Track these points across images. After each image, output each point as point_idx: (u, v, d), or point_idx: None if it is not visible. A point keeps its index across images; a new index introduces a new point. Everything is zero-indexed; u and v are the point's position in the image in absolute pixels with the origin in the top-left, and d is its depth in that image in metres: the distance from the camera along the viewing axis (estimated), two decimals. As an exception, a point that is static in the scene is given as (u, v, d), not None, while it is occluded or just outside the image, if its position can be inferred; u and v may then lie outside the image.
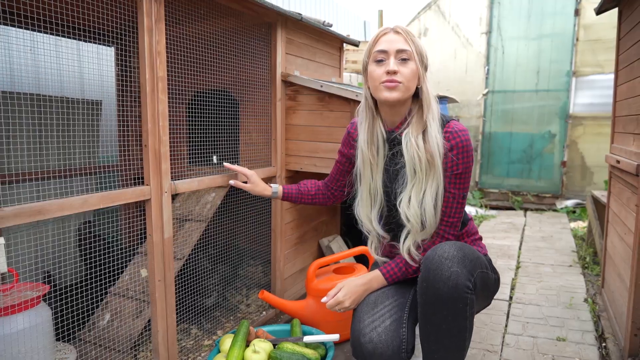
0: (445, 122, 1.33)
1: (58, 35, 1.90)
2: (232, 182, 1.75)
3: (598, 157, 4.76)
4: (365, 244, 1.53)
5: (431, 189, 1.30)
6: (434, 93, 1.35)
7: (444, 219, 1.34)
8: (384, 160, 1.41)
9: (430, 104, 1.32)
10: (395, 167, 1.38)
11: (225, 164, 1.77)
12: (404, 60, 1.28)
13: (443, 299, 1.16)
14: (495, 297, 2.45)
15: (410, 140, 1.30)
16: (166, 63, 1.50)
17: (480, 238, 1.51)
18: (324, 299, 1.37)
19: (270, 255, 2.25)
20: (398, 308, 1.31)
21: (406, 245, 1.35)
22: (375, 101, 1.37)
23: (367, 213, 1.43)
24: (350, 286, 1.37)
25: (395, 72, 1.27)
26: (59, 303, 1.64)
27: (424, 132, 1.30)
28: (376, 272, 1.40)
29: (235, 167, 1.75)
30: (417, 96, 1.34)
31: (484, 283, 1.27)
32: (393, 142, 1.38)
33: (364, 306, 1.34)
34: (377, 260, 1.50)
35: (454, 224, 1.35)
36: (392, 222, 1.43)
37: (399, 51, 1.27)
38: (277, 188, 1.70)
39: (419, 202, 1.30)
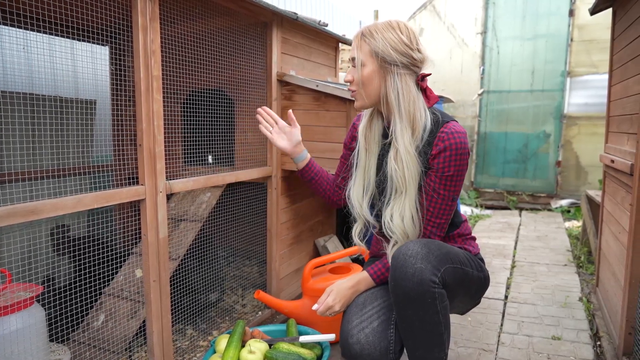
0: (443, 122, 1.31)
1: (52, 34, 1.89)
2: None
3: (592, 156, 4.79)
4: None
5: (410, 202, 1.31)
6: (411, 92, 1.29)
7: (432, 220, 1.34)
8: (378, 148, 1.42)
9: (400, 107, 1.28)
10: (385, 169, 1.38)
11: (289, 112, 1.59)
12: (355, 66, 1.33)
13: (410, 295, 1.17)
14: (490, 297, 2.46)
15: (390, 153, 1.33)
16: (161, 62, 1.49)
17: (473, 238, 1.51)
18: (314, 307, 1.37)
19: (266, 255, 2.25)
20: (387, 309, 1.32)
21: (393, 252, 1.35)
22: None
23: (359, 198, 1.44)
24: (338, 289, 1.37)
25: (349, 81, 1.35)
26: (52, 304, 1.63)
27: (398, 141, 1.30)
28: (364, 274, 1.41)
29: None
30: None
31: (458, 279, 1.28)
32: (388, 140, 1.38)
33: (353, 307, 1.35)
34: (356, 244, 1.50)
35: (441, 225, 1.35)
36: (381, 214, 1.44)
37: (352, 58, 1.33)
38: (307, 154, 1.59)
39: (401, 217, 1.32)
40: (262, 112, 1.58)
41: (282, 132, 1.56)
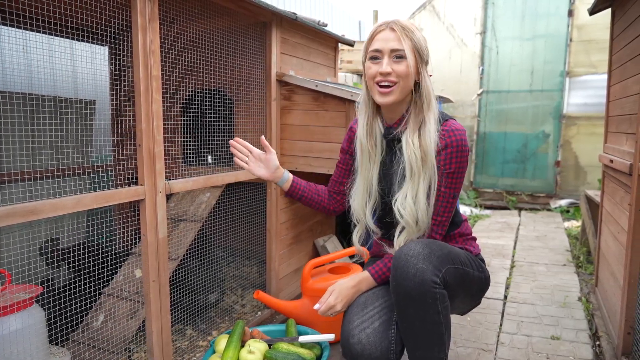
0: (443, 120, 1.33)
1: (51, 34, 1.89)
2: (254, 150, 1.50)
3: (591, 156, 4.79)
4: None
5: (424, 185, 1.30)
6: (433, 89, 1.35)
7: (433, 217, 1.34)
8: (381, 154, 1.41)
9: (430, 101, 1.32)
10: (392, 167, 1.38)
11: (261, 138, 1.51)
12: (399, 58, 1.27)
13: (411, 295, 1.18)
14: (489, 297, 2.46)
15: (407, 140, 1.31)
16: (160, 62, 1.49)
17: (474, 238, 1.51)
18: (316, 306, 1.37)
19: (266, 255, 2.25)
20: (388, 309, 1.32)
21: (399, 242, 1.34)
22: None
23: (362, 205, 1.44)
24: (340, 289, 1.37)
25: (388, 73, 1.27)
26: (51, 305, 1.63)
27: (420, 129, 1.30)
28: (365, 273, 1.41)
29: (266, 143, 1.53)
30: (414, 92, 1.34)
31: (459, 279, 1.28)
32: (391, 140, 1.38)
33: (354, 307, 1.35)
34: (357, 249, 1.50)
35: (442, 223, 1.36)
36: (385, 219, 1.43)
37: (393, 50, 1.27)
38: (288, 174, 1.54)
39: (413, 199, 1.31)
40: (235, 144, 1.49)
41: (259, 160, 1.49)
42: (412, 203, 1.30)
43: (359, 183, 1.44)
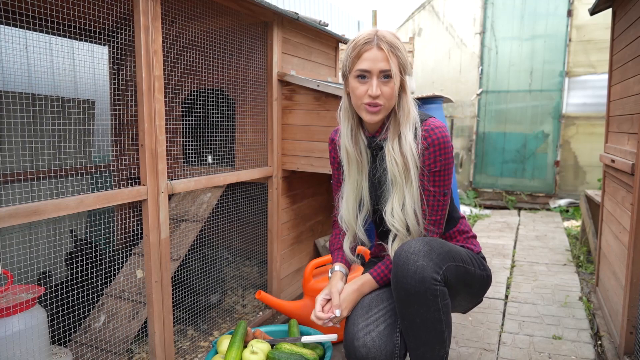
0: (422, 120, 1.33)
1: (53, 34, 1.88)
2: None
3: (591, 156, 4.80)
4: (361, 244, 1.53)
5: (410, 191, 1.31)
6: (412, 96, 1.34)
7: (426, 218, 1.34)
8: (368, 164, 1.41)
9: (409, 111, 1.31)
10: (378, 175, 1.38)
11: (319, 314, 1.35)
12: (387, 78, 1.26)
13: (412, 292, 1.18)
14: (491, 296, 2.46)
15: (389, 147, 1.31)
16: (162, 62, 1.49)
17: (474, 236, 1.51)
18: (314, 318, 1.35)
19: (267, 256, 2.24)
20: (392, 312, 1.32)
21: (394, 248, 1.35)
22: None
23: (353, 215, 1.43)
24: (343, 294, 1.36)
25: (378, 96, 1.26)
26: (53, 304, 1.62)
27: (399, 137, 1.30)
28: (367, 276, 1.40)
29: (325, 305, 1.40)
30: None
31: (460, 277, 1.28)
32: (374, 149, 1.38)
33: (358, 309, 1.34)
34: (346, 256, 1.48)
35: (437, 222, 1.36)
36: (380, 229, 1.43)
37: (382, 71, 1.25)
38: (344, 269, 1.47)
39: (401, 206, 1.31)
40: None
41: (332, 305, 1.36)
42: (400, 213, 1.31)
43: (348, 193, 1.43)
